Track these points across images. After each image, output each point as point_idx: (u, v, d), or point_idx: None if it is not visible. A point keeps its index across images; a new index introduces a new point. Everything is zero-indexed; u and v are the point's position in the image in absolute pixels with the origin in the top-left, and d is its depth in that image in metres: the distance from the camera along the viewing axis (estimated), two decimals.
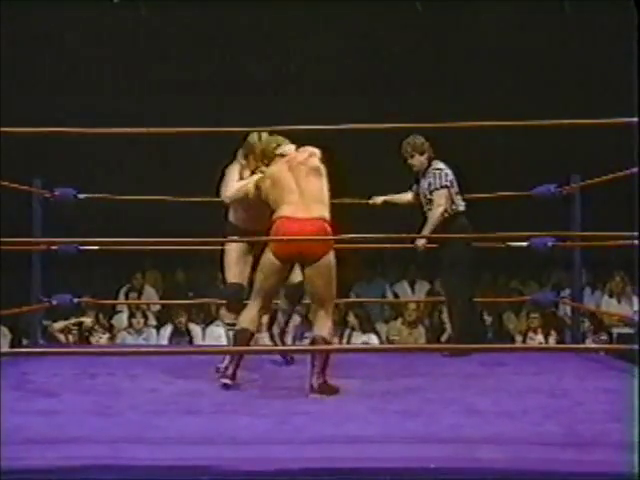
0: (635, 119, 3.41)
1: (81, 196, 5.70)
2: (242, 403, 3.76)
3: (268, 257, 4.05)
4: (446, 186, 5.30)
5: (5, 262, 6.88)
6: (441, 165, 5.38)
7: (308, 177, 4.13)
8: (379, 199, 5.54)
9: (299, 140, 4.94)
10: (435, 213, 5.25)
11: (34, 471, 2.74)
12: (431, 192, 5.31)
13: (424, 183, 5.37)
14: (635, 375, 3.83)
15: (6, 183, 4.98)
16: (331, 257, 4.01)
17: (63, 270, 6.91)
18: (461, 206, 5.37)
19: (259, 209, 4.35)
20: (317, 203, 4.05)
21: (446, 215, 5.28)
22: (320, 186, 4.12)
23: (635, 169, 3.81)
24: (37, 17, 9.12)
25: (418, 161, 5.38)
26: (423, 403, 3.74)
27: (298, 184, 4.10)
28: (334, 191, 4.32)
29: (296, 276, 4.40)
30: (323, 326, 4.01)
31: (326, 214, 4.06)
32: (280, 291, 4.52)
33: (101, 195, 5.99)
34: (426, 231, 5.22)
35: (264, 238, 4.24)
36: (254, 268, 4.37)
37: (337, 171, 4.44)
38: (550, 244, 5.35)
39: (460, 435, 3.13)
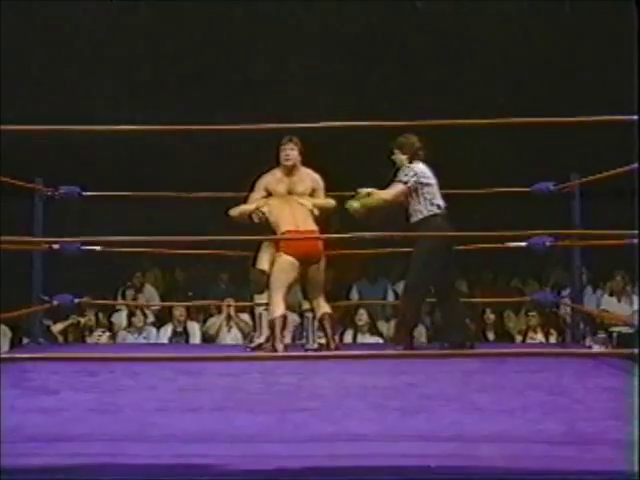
0: (634, 117, 3.41)
1: (85, 194, 5.72)
2: (242, 400, 3.76)
3: (285, 259, 5.26)
4: (404, 182, 5.36)
5: (6, 261, 6.89)
6: (417, 166, 5.41)
7: (297, 207, 5.46)
8: (365, 191, 5.52)
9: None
10: (379, 194, 5.38)
11: (34, 469, 2.73)
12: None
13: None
14: (635, 373, 3.83)
15: (8, 180, 4.98)
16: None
17: (64, 269, 6.91)
18: (436, 208, 5.38)
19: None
20: (306, 221, 5.41)
21: (420, 217, 5.35)
22: (305, 211, 5.46)
23: (635, 167, 3.81)
24: (36, 16, 9.13)
25: (398, 159, 5.49)
26: (423, 400, 3.74)
27: (291, 212, 5.43)
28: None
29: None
30: (325, 305, 5.41)
31: (315, 228, 5.40)
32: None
33: (104, 193, 6.00)
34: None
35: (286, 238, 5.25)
36: None
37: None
38: (548, 244, 5.35)
39: (460, 432, 3.12)
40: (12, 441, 2.95)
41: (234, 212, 5.58)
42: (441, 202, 5.43)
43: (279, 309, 5.20)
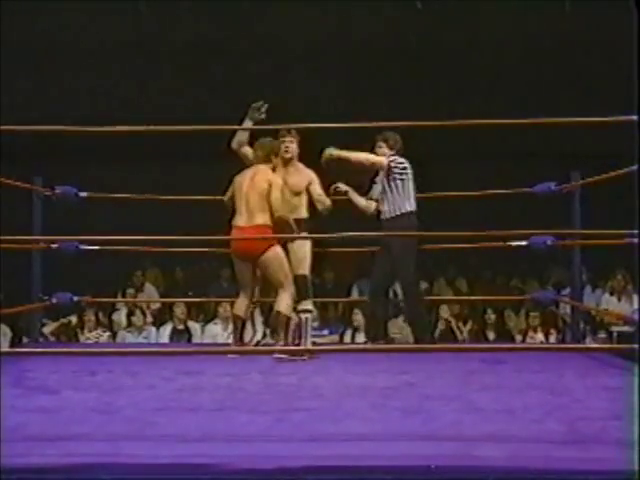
0: (635, 117, 3.41)
1: (82, 194, 5.70)
2: (242, 400, 3.76)
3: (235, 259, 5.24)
4: (388, 160, 5.41)
5: (5, 260, 6.88)
6: (402, 160, 5.49)
7: (253, 193, 5.14)
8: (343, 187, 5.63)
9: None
10: (366, 155, 5.43)
11: (34, 469, 2.73)
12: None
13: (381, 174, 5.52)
14: (635, 373, 3.83)
15: (6, 181, 4.97)
16: (275, 250, 5.12)
17: (63, 268, 6.91)
18: (412, 206, 5.46)
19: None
20: (258, 212, 5.11)
21: (403, 210, 5.42)
22: (260, 200, 5.12)
23: (635, 167, 3.80)
24: (37, 16, 9.13)
25: (381, 152, 5.52)
26: (423, 400, 3.73)
27: (247, 198, 5.15)
28: None
29: None
30: (281, 301, 5.11)
31: (266, 221, 5.11)
32: None
33: (102, 195, 5.99)
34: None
35: (226, 237, 5.33)
36: None
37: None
38: (549, 243, 5.35)
39: (460, 432, 3.13)
40: (12, 441, 2.95)
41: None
42: (414, 199, 5.51)
43: (237, 309, 5.30)
